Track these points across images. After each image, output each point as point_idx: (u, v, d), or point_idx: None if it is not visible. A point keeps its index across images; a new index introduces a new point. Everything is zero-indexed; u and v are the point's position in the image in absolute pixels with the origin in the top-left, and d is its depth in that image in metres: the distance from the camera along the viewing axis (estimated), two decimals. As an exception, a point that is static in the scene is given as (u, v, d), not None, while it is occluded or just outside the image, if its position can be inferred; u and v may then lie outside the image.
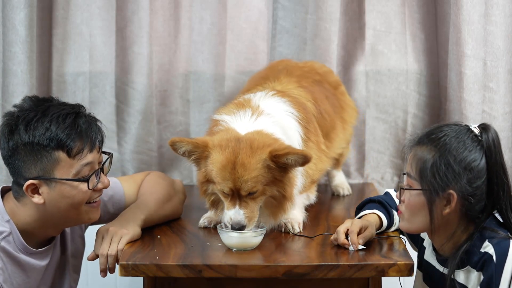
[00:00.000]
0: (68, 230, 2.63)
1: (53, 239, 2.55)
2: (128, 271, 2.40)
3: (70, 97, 3.41)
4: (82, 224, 2.63)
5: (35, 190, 2.39)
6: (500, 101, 3.32)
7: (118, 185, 2.75)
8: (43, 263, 2.50)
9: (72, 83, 3.42)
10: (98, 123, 2.46)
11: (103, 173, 2.47)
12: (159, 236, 2.64)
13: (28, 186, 2.37)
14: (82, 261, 2.74)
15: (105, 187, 2.49)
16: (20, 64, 3.23)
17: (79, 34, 3.38)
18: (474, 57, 3.25)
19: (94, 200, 2.47)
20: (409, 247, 2.61)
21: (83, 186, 2.40)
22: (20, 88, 3.24)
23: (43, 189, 2.39)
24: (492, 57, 3.29)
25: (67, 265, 2.65)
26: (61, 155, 2.36)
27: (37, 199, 2.39)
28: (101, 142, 2.47)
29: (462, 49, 3.25)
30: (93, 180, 2.43)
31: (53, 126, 2.35)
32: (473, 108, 3.28)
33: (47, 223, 2.45)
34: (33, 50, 3.24)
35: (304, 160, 2.50)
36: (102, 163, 2.48)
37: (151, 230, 2.72)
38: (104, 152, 2.50)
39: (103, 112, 3.42)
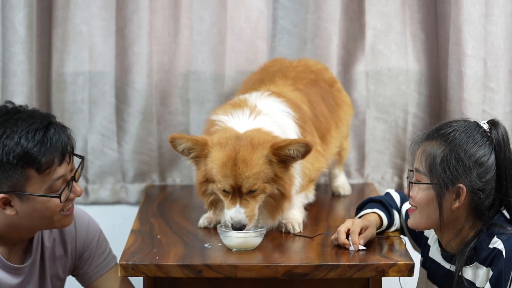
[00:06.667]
0: (48, 254, 2.57)
1: (30, 253, 2.50)
2: (128, 271, 2.40)
3: (70, 97, 3.41)
4: (56, 229, 2.56)
5: (6, 202, 2.34)
6: (501, 101, 3.32)
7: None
8: (15, 280, 2.45)
9: (71, 83, 3.41)
10: (68, 131, 2.39)
11: (75, 181, 2.42)
12: (159, 236, 2.64)
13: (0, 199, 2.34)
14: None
15: (78, 196, 2.44)
16: (20, 64, 3.22)
17: (79, 34, 3.37)
18: (474, 57, 3.25)
19: (67, 208, 2.43)
20: (409, 248, 2.61)
21: (55, 200, 2.36)
22: (20, 88, 3.24)
23: (15, 203, 2.34)
24: (493, 57, 3.29)
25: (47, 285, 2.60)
26: (32, 172, 2.31)
27: (9, 211, 2.35)
28: (72, 151, 2.41)
29: (463, 49, 3.24)
30: (65, 192, 2.38)
31: (22, 143, 2.29)
32: (474, 108, 3.28)
33: (19, 229, 2.41)
34: (33, 50, 3.24)
35: (305, 148, 2.50)
36: (75, 170, 2.43)
37: (151, 230, 2.71)
38: (76, 155, 2.44)
39: (103, 112, 3.41)
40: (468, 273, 2.34)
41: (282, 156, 2.53)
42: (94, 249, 2.65)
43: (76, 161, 2.45)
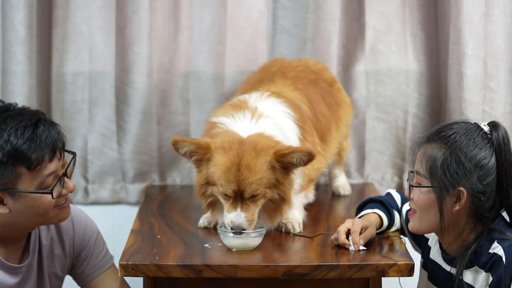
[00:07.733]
0: (46, 253, 2.56)
1: (28, 252, 2.50)
2: (128, 271, 2.40)
3: (70, 97, 3.41)
4: (53, 224, 2.55)
5: None
6: (501, 101, 3.32)
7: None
8: (14, 280, 2.44)
9: (71, 83, 3.41)
10: (58, 128, 2.39)
11: (67, 177, 2.42)
12: (159, 236, 2.64)
13: None
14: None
15: (70, 192, 2.43)
16: (20, 64, 3.22)
17: (79, 34, 3.37)
18: (474, 57, 3.25)
19: (61, 203, 2.42)
20: (409, 248, 2.61)
21: (47, 196, 2.35)
22: (20, 88, 3.23)
23: (7, 201, 2.34)
24: (493, 57, 3.29)
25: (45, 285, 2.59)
26: (22, 169, 2.31)
27: (2, 209, 2.35)
28: (63, 147, 2.40)
29: (463, 49, 3.24)
30: (57, 188, 2.37)
31: (12, 141, 2.29)
32: (474, 108, 3.28)
33: (14, 228, 2.40)
34: (33, 50, 3.24)
35: (308, 157, 2.51)
36: (66, 166, 2.42)
37: (151, 230, 2.71)
38: (67, 151, 2.43)
39: (103, 112, 3.41)
40: (468, 276, 2.34)
41: (285, 163, 2.53)
42: (92, 249, 2.65)
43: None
